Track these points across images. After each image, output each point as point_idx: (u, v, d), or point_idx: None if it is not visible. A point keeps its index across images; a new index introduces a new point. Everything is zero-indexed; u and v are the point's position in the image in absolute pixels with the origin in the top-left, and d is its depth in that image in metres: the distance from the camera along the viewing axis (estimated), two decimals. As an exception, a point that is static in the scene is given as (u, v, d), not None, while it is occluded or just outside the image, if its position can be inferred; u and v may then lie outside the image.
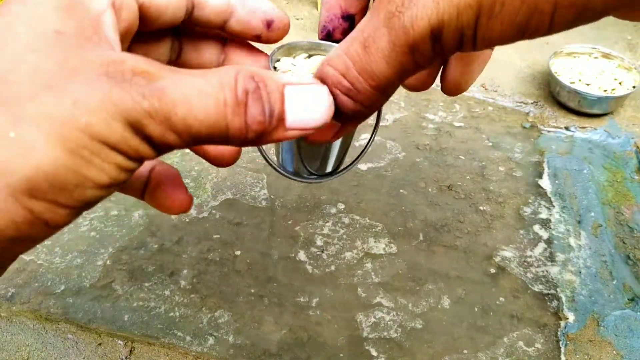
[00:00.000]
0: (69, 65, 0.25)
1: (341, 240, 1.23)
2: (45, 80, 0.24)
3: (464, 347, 1.03)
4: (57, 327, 1.02)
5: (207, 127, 0.26)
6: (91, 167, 0.25)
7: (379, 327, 1.05)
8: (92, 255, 1.21)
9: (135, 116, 0.25)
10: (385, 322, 1.06)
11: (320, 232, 1.26)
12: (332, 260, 1.18)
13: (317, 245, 1.21)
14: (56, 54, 0.25)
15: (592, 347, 1.00)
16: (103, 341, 1.01)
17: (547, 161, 1.43)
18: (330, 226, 1.27)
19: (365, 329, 1.06)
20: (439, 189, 1.37)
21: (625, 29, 2.07)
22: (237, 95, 0.26)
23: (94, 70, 0.25)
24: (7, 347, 1.00)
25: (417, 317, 1.08)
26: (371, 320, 1.07)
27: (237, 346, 1.02)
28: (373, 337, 1.03)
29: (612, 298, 1.09)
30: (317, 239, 1.24)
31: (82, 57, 0.25)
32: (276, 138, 0.29)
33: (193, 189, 1.40)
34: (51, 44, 0.25)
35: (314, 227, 1.27)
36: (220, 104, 0.26)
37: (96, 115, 0.24)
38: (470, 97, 1.72)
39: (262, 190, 1.38)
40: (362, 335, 1.04)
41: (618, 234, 1.23)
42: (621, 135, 1.48)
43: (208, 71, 0.28)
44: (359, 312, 1.09)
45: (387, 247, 1.22)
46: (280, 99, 0.28)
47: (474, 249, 1.22)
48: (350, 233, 1.25)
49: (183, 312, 1.08)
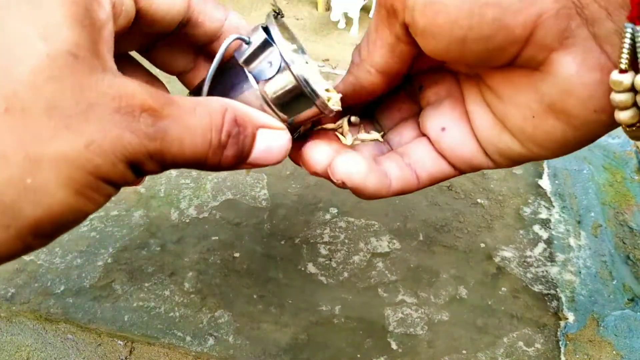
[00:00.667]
0: (85, 99, 0.26)
1: (344, 245, 1.23)
2: (64, 118, 0.25)
3: (464, 347, 1.03)
4: (57, 327, 1.03)
5: (188, 161, 0.30)
6: (89, 203, 0.28)
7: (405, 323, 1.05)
8: (92, 256, 1.22)
9: (139, 157, 0.28)
10: (411, 319, 1.07)
11: (320, 233, 1.26)
12: (341, 262, 1.18)
13: (323, 248, 1.21)
14: (72, 84, 0.26)
15: (592, 347, 1.00)
16: (103, 341, 1.01)
17: (547, 161, 1.43)
18: (331, 227, 1.27)
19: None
20: (439, 189, 1.37)
21: (625, 29, 2.07)
22: (221, 138, 0.31)
23: (107, 106, 0.27)
24: (7, 347, 1.00)
25: (419, 318, 1.08)
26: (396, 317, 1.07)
27: (238, 346, 1.02)
28: (398, 332, 1.04)
29: (612, 298, 1.09)
30: (317, 240, 1.24)
31: (96, 88, 0.27)
32: (237, 168, 0.34)
33: (192, 190, 1.40)
34: (67, 71, 0.26)
35: (316, 228, 1.27)
36: (206, 145, 0.30)
37: (106, 158, 0.26)
38: (470, 97, 1.73)
39: (263, 191, 1.38)
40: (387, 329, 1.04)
41: (618, 234, 1.23)
42: (621, 135, 1.48)
43: (200, 104, 0.31)
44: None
45: (389, 244, 1.22)
46: (251, 142, 0.33)
47: (474, 249, 1.22)
48: (351, 235, 1.25)
49: (183, 312, 1.08)
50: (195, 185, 1.40)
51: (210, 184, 1.41)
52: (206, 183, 1.43)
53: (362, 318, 1.07)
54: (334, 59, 1.95)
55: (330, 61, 1.94)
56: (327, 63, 1.94)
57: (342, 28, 2.44)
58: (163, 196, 1.38)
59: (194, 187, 1.40)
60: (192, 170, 1.44)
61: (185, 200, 1.38)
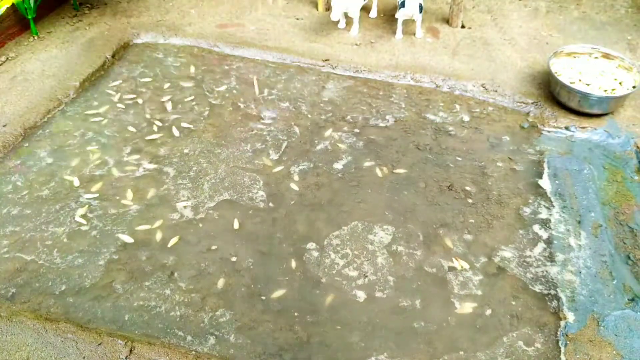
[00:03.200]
0: None
1: (347, 249, 1.23)
2: None
3: (464, 347, 1.03)
4: (57, 326, 1.03)
5: None
6: None
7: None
8: (93, 256, 1.22)
9: None
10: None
11: (321, 233, 1.26)
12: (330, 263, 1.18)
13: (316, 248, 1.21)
14: None
15: (592, 347, 1.00)
16: (103, 341, 1.01)
17: (547, 161, 1.43)
18: (332, 227, 1.27)
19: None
20: (439, 189, 1.37)
21: (626, 29, 2.07)
22: None
23: None
24: (7, 347, 1.00)
25: (417, 316, 1.08)
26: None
27: (239, 346, 1.02)
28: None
29: (612, 298, 1.09)
30: (320, 239, 1.24)
31: None
32: None
33: (190, 190, 1.40)
34: None
35: (317, 229, 1.27)
36: None
37: None
38: (470, 97, 1.73)
39: (260, 192, 1.38)
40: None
41: (618, 234, 1.23)
42: (621, 135, 1.48)
43: None
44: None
45: (389, 243, 1.22)
46: None
47: (474, 249, 1.22)
48: (351, 237, 1.25)
49: (184, 311, 1.08)
50: (192, 185, 1.41)
51: (207, 185, 1.42)
52: (204, 183, 1.43)
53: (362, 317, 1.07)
54: (334, 58, 1.95)
55: (330, 61, 1.94)
56: (327, 63, 1.94)
57: (342, 28, 2.45)
58: (163, 196, 1.38)
59: (191, 188, 1.40)
60: (190, 171, 1.45)
61: (184, 200, 1.38)
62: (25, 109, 1.75)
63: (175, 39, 2.18)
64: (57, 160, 1.57)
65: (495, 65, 1.90)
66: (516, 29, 2.18)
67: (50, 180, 1.50)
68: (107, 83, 1.94)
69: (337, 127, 1.63)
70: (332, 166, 1.50)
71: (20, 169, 1.53)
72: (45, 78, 1.93)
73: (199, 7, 2.40)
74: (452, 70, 1.88)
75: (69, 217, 1.38)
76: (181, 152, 1.58)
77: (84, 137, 1.67)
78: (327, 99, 1.77)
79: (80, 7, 2.44)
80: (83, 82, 1.91)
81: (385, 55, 2.01)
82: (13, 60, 2.07)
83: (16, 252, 1.28)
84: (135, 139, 1.64)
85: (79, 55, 2.06)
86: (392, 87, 1.81)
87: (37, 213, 1.39)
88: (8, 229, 1.35)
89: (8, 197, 1.45)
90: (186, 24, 2.27)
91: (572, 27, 2.17)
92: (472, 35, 2.13)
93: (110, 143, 1.64)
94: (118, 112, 1.77)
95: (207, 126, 1.70)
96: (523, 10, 2.34)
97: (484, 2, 2.43)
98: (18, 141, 1.65)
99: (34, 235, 1.32)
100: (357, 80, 1.85)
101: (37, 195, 1.44)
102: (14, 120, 1.69)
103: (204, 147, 1.60)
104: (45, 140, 1.66)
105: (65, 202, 1.41)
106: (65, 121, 1.72)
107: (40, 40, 2.20)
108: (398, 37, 2.18)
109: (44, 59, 2.04)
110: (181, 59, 2.06)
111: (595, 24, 2.16)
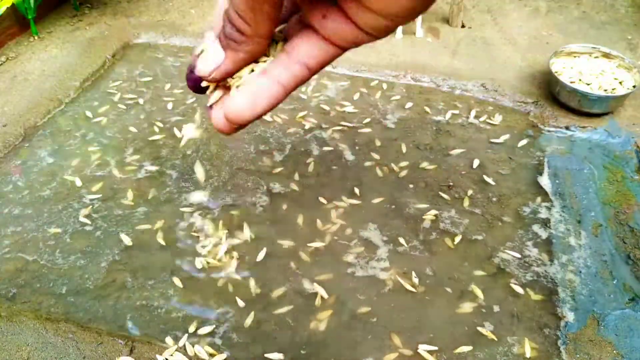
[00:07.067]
0: None
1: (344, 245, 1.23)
2: None
3: (464, 347, 1.04)
4: (57, 326, 1.03)
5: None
6: None
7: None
8: (95, 256, 1.22)
9: None
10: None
11: (322, 234, 1.27)
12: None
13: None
14: None
15: (592, 346, 1.00)
16: (103, 340, 1.01)
17: (548, 161, 1.43)
18: (332, 229, 1.27)
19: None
20: (439, 189, 1.37)
21: (626, 28, 2.07)
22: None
23: None
24: (7, 347, 1.00)
25: (417, 316, 1.08)
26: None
27: (239, 345, 1.03)
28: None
29: (612, 298, 1.09)
30: (319, 240, 1.24)
31: None
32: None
33: (193, 192, 1.40)
34: None
35: (317, 231, 1.27)
36: None
37: None
38: (471, 97, 1.72)
39: (263, 197, 1.38)
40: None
41: (618, 233, 1.23)
42: (621, 135, 1.48)
43: None
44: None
45: (388, 245, 1.22)
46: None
47: (474, 249, 1.22)
48: (350, 224, 1.25)
49: (184, 311, 1.09)
50: (195, 188, 1.40)
51: (210, 188, 1.41)
52: (206, 187, 1.43)
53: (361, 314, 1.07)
54: (335, 58, 1.95)
55: (330, 61, 1.94)
56: (328, 63, 1.94)
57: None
58: (163, 194, 1.38)
59: (194, 190, 1.40)
60: (193, 174, 1.45)
61: (185, 200, 1.38)
62: (25, 109, 1.75)
63: (175, 39, 2.18)
64: (59, 160, 1.57)
65: (495, 64, 1.89)
66: (516, 28, 2.17)
67: (52, 180, 1.49)
68: (107, 83, 1.93)
69: (337, 127, 1.63)
70: (332, 167, 1.50)
71: (21, 169, 1.53)
72: (46, 78, 1.93)
73: (199, 7, 2.40)
74: (452, 70, 1.88)
75: (72, 217, 1.38)
76: (183, 154, 1.57)
77: (85, 138, 1.67)
78: (327, 99, 1.77)
79: (80, 7, 2.45)
80: (83, 82, 1.92)
81: (385, 54, 2.01)
82: (13, 60, 2.07)
83: (17, 252, 1.28)
84: (136, 140, 1.64)
85: (79, 55, 2.06)
86: (392, 86, 1.81)
87: (39, 213, 1.39)
88: (9, 229, 1.35)
89: (9, 197, 1.44)
90: (186, 24, 2.26)
91: (572, 27, 2.17)
92: (472, 35, 2.12)
93: (112, 144, 1.64)
94: (119, 112, 1.77)
95: (209, 127, 1.70)
96: (523, 10, 2.34)
97: (484, 2, 2.43)
98: (18, 141, 1.64)
99: (36, 235, 1.33)
100: (357, 80, 1.85)
101: (39, 195, 1.44)
102: (14, 120, 1.69)
103: (207, 149, 1.60)
104: (45, 140, 1.66)
105: (68, 202, 1.41)
106: (66, 121, 1.72)
107: (40, 40, 2.21)
108: (398, 36, 2.19)
109: (44, 59, 2.04)
110: (182, 59, 2.06)
111: (595, 24, 2.16)
